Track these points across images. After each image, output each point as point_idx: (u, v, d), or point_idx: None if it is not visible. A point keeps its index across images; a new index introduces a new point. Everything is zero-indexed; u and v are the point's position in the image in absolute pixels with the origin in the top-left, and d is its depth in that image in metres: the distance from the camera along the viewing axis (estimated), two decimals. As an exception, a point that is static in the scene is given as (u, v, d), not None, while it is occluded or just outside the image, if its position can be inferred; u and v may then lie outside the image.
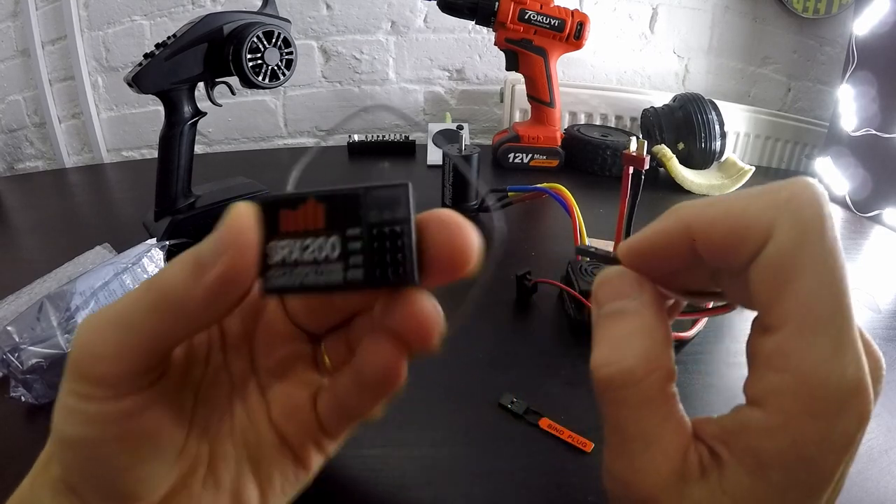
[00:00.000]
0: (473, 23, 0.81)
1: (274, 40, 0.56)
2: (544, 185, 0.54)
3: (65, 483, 0.18)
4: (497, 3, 0.77)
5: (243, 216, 0.16)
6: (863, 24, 0.81)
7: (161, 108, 0.56)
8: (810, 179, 0.15)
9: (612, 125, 1.05)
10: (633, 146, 0.42)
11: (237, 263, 0.15)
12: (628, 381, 0.16)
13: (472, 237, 0.16)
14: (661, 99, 0.95)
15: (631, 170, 0.42)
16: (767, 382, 0.15)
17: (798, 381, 0.14)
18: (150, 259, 0.47)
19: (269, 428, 0.21)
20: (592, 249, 0.19)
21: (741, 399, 0.16)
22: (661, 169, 0.83)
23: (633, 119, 1.05)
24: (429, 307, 0.17)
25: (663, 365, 0.16)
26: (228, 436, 0.21)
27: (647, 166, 0.42)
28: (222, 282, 0.16)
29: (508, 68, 0.84)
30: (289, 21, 0.59)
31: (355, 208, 0.16)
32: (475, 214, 0.68)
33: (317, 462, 0.22)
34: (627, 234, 0.44)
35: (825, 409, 0.14)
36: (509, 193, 0.62)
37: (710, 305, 0.21)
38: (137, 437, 0.17)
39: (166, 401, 0.18)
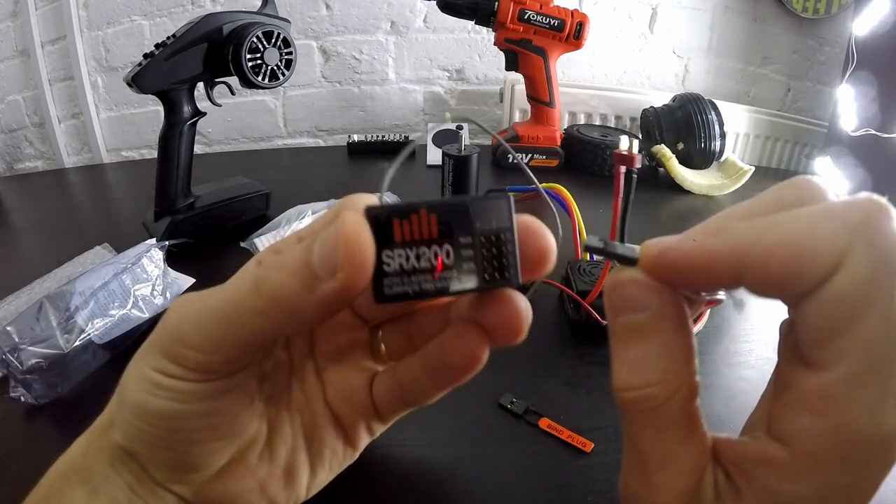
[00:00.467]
0: (473, 23, 0.81)
1: (273, 40, 0.56)
2: (543, 185, 0.54)
3: (126, 451, 0.18)
4: (497, 3, 0.77)
5: (360, 230, 0.15)
6: (862, 24, 0.81)
7: (160, 108, 0.56)
8: (881, 198, 0.13)
9: (612, 125, 1.05)
10: (625, 145, 0.42)
11: (355, 281, 0.15)
12: (649, 406, 0.15)
13: (552, 241, 0.18)
14: (660, 99, 0.95)
15: (623, 169, 0.41)
16: (800, 424, 0.14)
17: (837, 429, 0.13)
18: (150, 259, 0.47)
19: (324, 407, 0.22)
20: (601, 246, 0.17)
21: (741, 399, 0.16)
22: (661, 169, 0.83)
23: (632, 119, 1.05)
24: (524, 306, 0.18)
25: (686, 384, 0.16)
26: (286, 412, 0.22)
27: (638, 165, 0.41)
28: (338, 297, 0.16)
29: (508, 68, 0.84)
30: (288, 21, 0.59)
31: (465, 217, 0.17)
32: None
33: (364, 442, 0.24)
34: (622, 236, 0.44)
35: (859, 459, 0.13)
36: (508, 194, 0.62)
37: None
38: (221, 413, 0.18)
39: (245, 381, 0.19)
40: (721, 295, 0.46)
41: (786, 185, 0.16)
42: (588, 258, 0.49)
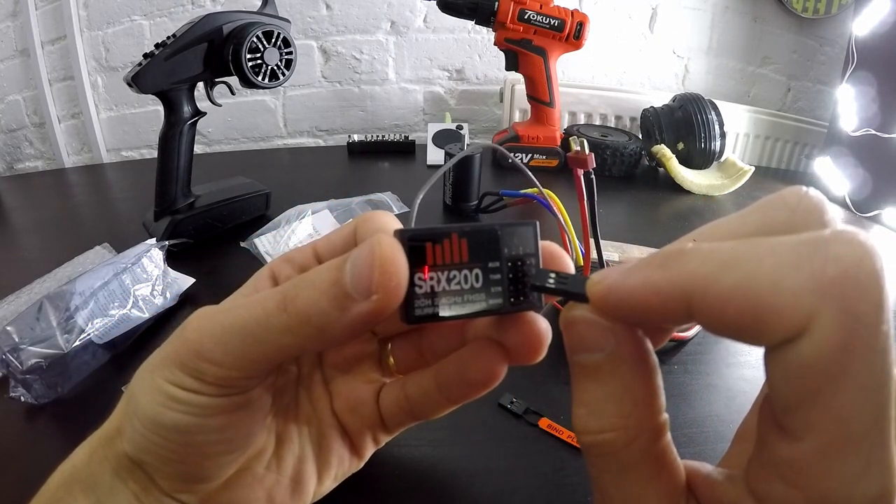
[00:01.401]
0: (473, 23, 0.82)
1: (273, 40, 0.56)
2: (533, 190, 0.54)
3: (133, 460, 0.18)
4: (497, 3, 0.77)
5: (396, 254, 0.16)
6: (862, 24, 0.81)
7: (161, 108, 0.56)
8: (863, 237, 0.11)
9: (612, 125, 1.05)
10: (575, 146, 0.40)
11: (389, 303, 0.16)
12: (608, 451, 0.15)
13: (572, 267, 0.19)
14: (660, 99, 0.95)
15: (581, 172, 0.40)
16: (774, 490, 0.13)
17: (811, 502, 0.12)
18: (150, 259, 0.47)
19: (331, 417, 0.23)
20: (551, 285, 0.17)
21: (741, 399, 0.16)
22: (661, 169, 0.83)
23: (632, 119, 1.05)
24: (545, 327, 0.19)
25: (646, 427, 0.15)
26: (293, 422, 0.22)
27: (593, 165, 0.40)
28: (370, 318, 0.16)
29: (508, 68, 0.84)
30: (288, 21, 0.59)
31: (495, 243, 0.18)
32: (474, 215, 0.68)
33: (369, 451, 0.24)
34: (596, 239, 0.43)
35: None
36: (503, 198, 0.62)
37: None
38: (236, 427, 0.19)
39: (260, 396, 0.19)
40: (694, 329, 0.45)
41: (776, 203, 0.14)
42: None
